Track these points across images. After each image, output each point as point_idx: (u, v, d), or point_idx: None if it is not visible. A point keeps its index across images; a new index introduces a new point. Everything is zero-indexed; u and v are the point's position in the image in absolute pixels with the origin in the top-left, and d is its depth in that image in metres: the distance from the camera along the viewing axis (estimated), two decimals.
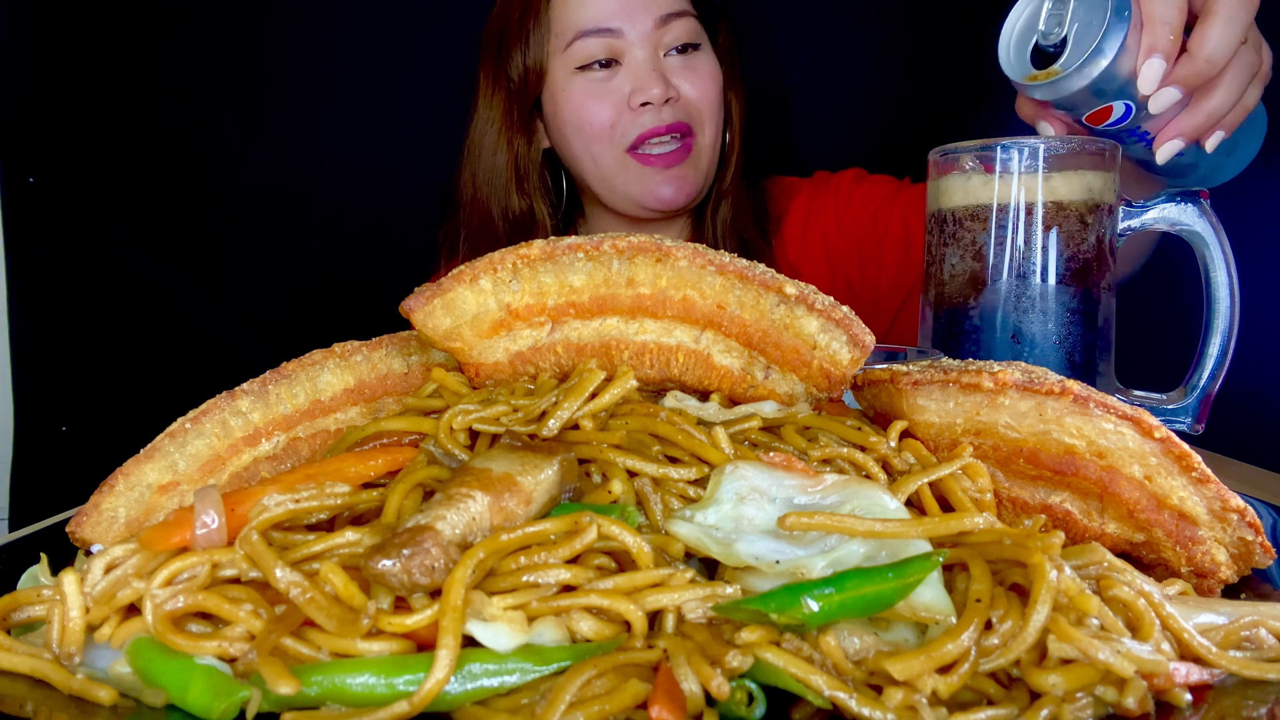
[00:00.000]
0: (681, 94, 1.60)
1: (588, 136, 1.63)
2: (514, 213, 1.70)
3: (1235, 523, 0.62)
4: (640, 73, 1.57)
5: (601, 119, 1.60)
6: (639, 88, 1.57)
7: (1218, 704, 0.49)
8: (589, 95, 1.60)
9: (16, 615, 0.56)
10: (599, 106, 1.60)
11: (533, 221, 1.71)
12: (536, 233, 1.70)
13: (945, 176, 1.06)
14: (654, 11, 1.57)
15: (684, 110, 1.60)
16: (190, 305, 2.32)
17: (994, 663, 0.48)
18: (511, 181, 1.70)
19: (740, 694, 0.48)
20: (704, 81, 1.62)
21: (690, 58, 1.62)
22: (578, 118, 1.62)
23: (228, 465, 0.70)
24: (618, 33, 1.57)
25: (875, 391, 0.70)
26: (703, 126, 1.63)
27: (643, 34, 1.57)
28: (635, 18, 1.57)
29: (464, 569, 0.49)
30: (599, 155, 1.63)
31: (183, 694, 0.48)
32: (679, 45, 1.60)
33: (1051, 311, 1.00)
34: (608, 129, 1.60)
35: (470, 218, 1.75)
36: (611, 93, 1.59)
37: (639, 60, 1.58)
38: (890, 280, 1.68)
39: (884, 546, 0.53)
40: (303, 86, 2.27)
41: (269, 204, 2.30)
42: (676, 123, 1.59)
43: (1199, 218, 1.03)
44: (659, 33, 1.58)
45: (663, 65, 1.59)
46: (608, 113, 1.60)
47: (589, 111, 1.60)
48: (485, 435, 0.64)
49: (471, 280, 0.67)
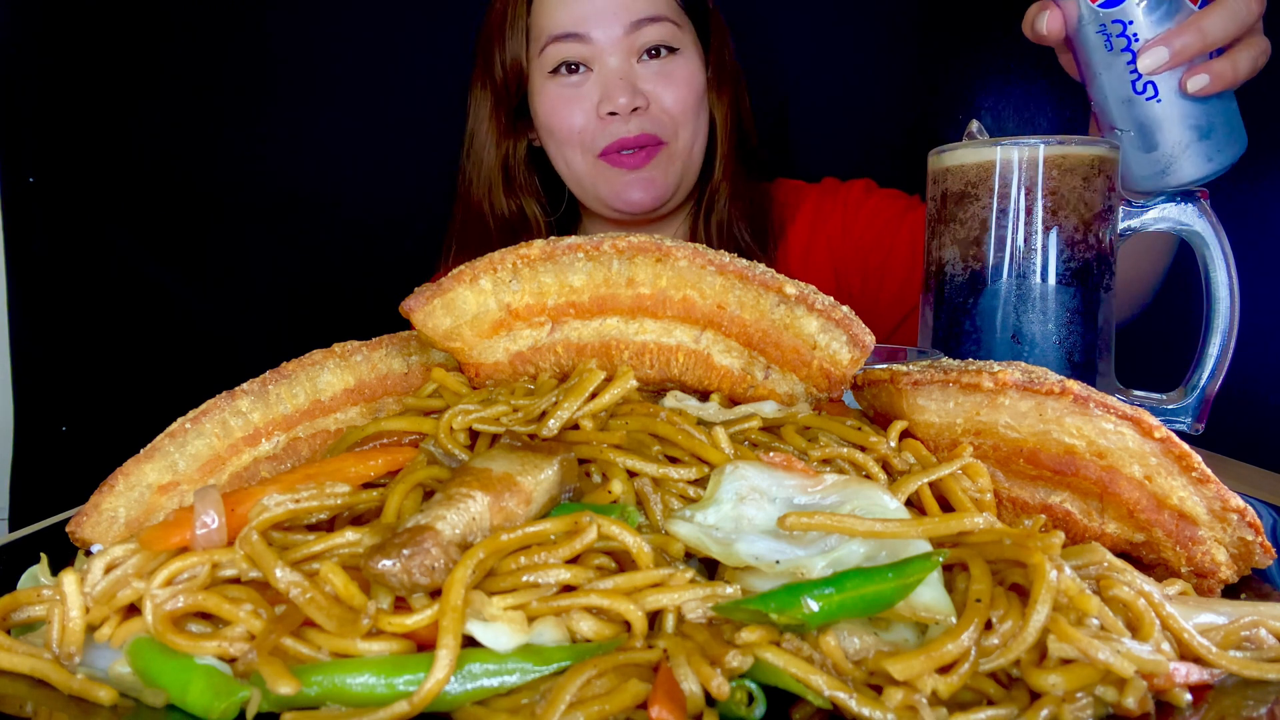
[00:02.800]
0: (653, 101, 1.59)
1: (559, 140, 1.64)
2: (502, 213, 1.71)
3: (1235, 523, 0.62)
4: (608, 81, 1.57)
5: (571, 124, 1.61)
6: (605, 96, 1.57)
7: (1218, 704, 0.49)
8: (560, 100, 1.61)
9: (16, 615, 0.56)
10: (569, 111, 1.60)
11: (524, 222, 1.72)
12: (529, 234, 1.71)
13: (945, 176, 1.06)
14: (624, 17, 1.56)
15: (653, 119, 1.59)
16: (190, 305, 2.32)
17: (994, 663, 0.48)
18: (499, 182, 1.71)
19: (740, 694, 0.48)
20: (679, 89, 1.61)
21: (666, 63, 1.60)
22: (550, 122, 1.63)
23: (228, 465, 0.70)
24: (586, 38, 1.57)
25: (875, 391, 0.70)
26: (676, 133, 1.62)
27: (613, 40, 1.56)
28: (605, 23, 1.56)
29: (464, 569, 0.49)
30: (570, 159, 1.65)
31: (183, 694, 0.48)
32: (652, 49, 1.59)
33: (1051, 311, 1.00)
34: (577, 133, 1.61)
35: (464, 218, 1.76)
36: (582, 99, 1.60)
37: (609, 68, 1.57)
38: (892, 296, 1.68)
39: (884, 546, 0.53)
40: (303, 86, 2.27)
41: (269, 204, 2.30)
42: (643, 134, 1.58)
43: (1199, 218, 1.03)
44: (630, 38, 1.57)
45: (634, 72, 1.58)
46: (578, 118, 1.60)
47: (559, 116, 1.61)
48: (485, 435, 0.64)
49: (471, 280, 0.67)
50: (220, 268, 2.33)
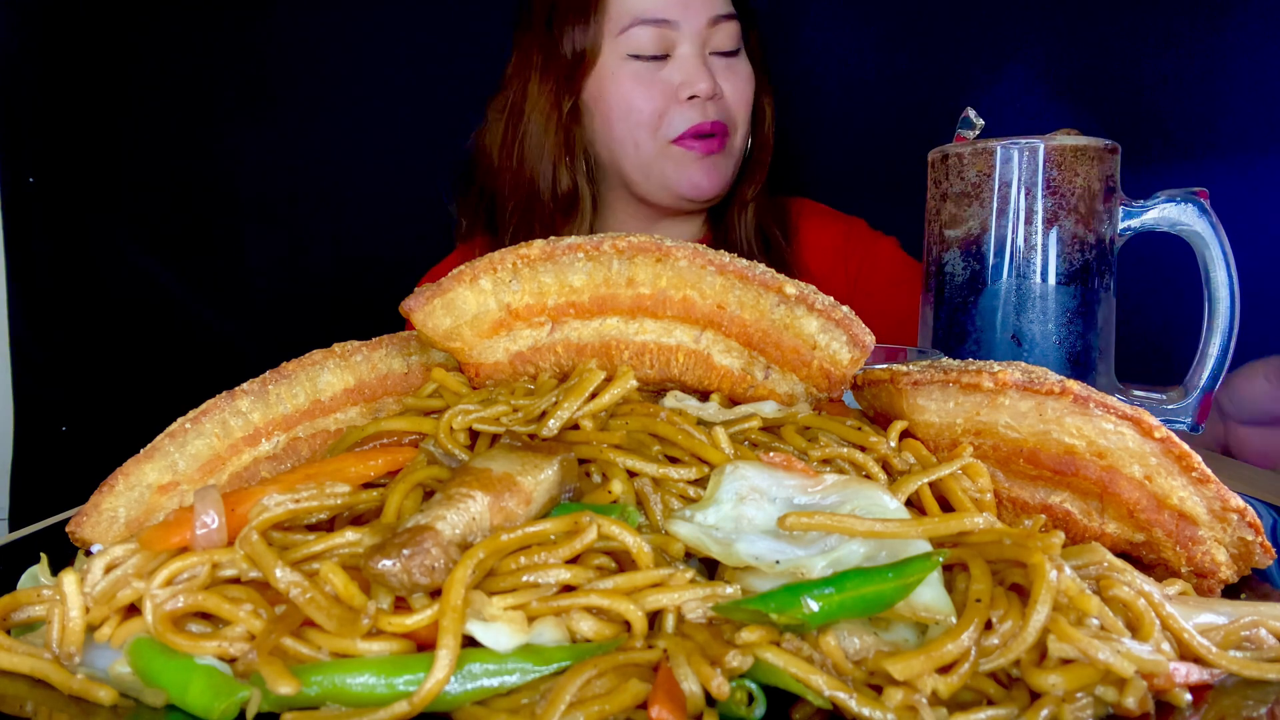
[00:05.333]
0: (723, 94, 1.65)
1: (633, 123, 1.66)
2: (563, 190, 1.72)
3: (1235, 523, 0.62)
4: (690, 67, 1.62)
5: (649, 107, 1.64)
6: (687, 81, 1.62)
7: (1218, 704, 0.49)
8: (639, 83, 1.64)
9: (16, 615, 0.56)
10: (648, 94, 1.64)
11: (576, 199, 1.73)
12: (579, 212, 1.74)
13: (946, 176, 1.06)
14: (708, 11, 1.63)
15: (724, 109, 1.65)
16: (191, 305, 2.32)
17: (994, 663, 0.48)
18: (562, 159, 1.71)
19: (740, 694, 0.48)
20: (743, 85, 1.68)
21: (732, 61, 1.68)
22: (626, 104, 1.65)
23: (228, 465, 0.70)
24: (673, 24, 1.62)
25: (875, 391, 0.70)
26: (737, 129, 1.69)
27: (695, 30, 1.62)
28: (691, 13, 1.62)
29: (464, 569, 0.49)
30: (641, 142, 1.67)
31: (183, 694, 0.48)
32: (725, 49, 1.66)
33: (1051, 311, 1.00)
34: (653, 117, 1.64)
35: (513, 192, 1.74)
36: (660, 83, 1.64)
37: (688, 55, 1.63)
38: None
39: (884, 546, 0.53)
40: (303, 86, 2.28)
41: (269, 204, 2.30)
42: (719, 121, 1.64)
43: (1199, 217, 1.03)
44: (709, 31, 1.63)
45: (709, 63, 1.64)
46: (655, 102, 1.64)
47: (637, 98, 1.64)
48: (485, 435, 0.64)
49: (471, 280, 0.67)
50: (220, 268, 2.34)
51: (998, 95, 2.02)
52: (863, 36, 2.12)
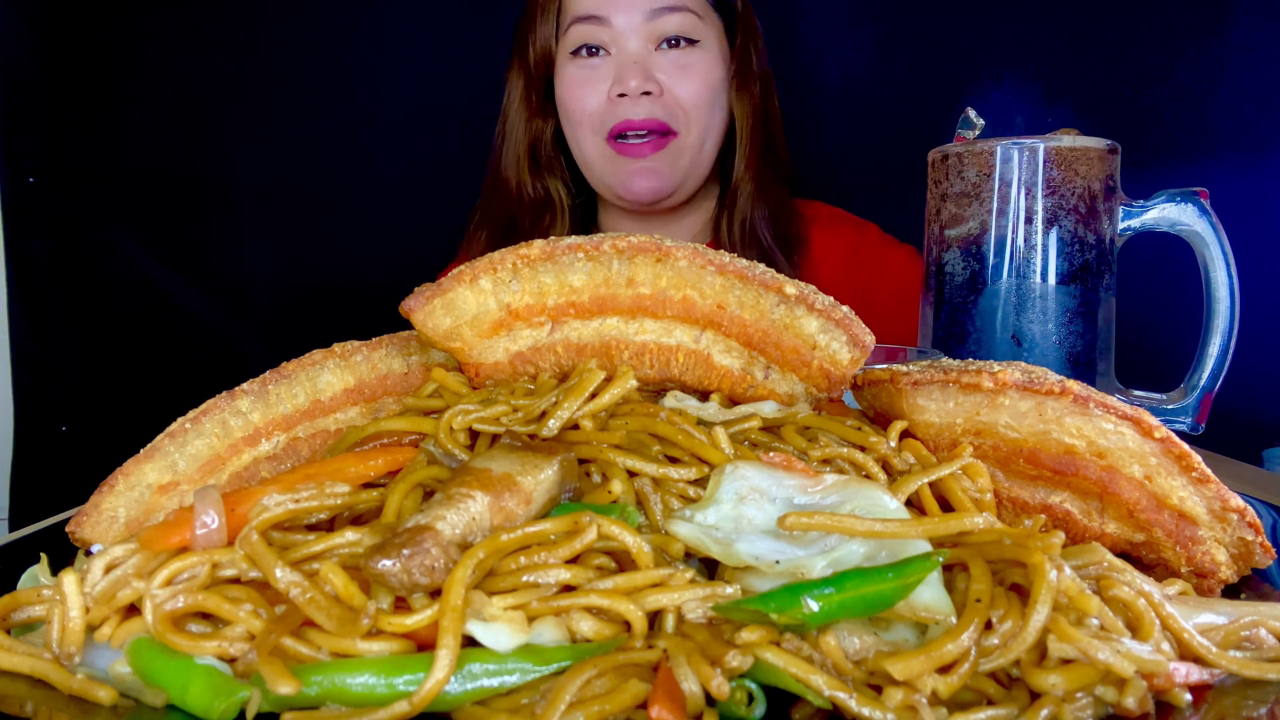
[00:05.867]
0: (666, 90, 1.60)
1: (574, 121, 1.66)
2: (529, 193, 1.72)
3: (1235, 523, 0.62)
4: (622, 64, 1.59)
5: (585, 105, 1.62)
6: (618, 78, 1.59)
7: (1218, 704, 0.49)
8: (576, 81, 1.63)
9: (16, 615, 0.56)
10: (584, 92, 1.62)
11: (549, 203, 1.72)
12: (553, 216, 1.73)
13: (946, 176, 1.06)
14: (645, 4, 1.58)
15: (665, 107, 1.60)
16: (191, 305, 2.32)
17: (994, 663, 0.48)
18: (526, 162, 1.71)
19: (740, 694, 0.48)
20: (693, 80, 1.61)
21: (684, 53, 1.62)
22: (565, 101, 1.65)
23: (228, 465, 0.70)
24: (606, 21, 1.59)
25: (875, 391, 0.70)
26: (688, 125, 1.63)
27: (632, 26, 1.59)
28: (624, 9, 1.59)
29: (464, 569, 0.49)
30: (582, 141, 1.66)
31: (183, 694, 0.48)
32: (672, 39, 1.61)
33: (1051, 311, 1.00)
34: (590, 115, 1.63)
35: (492, 199, 1.76)
36: (597, 81, 1.61)
37: (626, 52, 1.60)
38: None
39: (884, 546, 0.53)
40: (303, 86, 2.27)
41: (269, 204, 2.30)
42: (651, 119, 1.59)
43: (1199, 217, 1.03)
44: (650, 25, 1.59)
45: (651, 59, 1.60)
46: (591, 100, 1.62)
47: (574, 97, 1.63)
48: (485, 435, 0.64)
49: (471, 280, 0.67)
50: (220, 267, 2.34)
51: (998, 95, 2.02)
52: (862, 36, 2.11)
